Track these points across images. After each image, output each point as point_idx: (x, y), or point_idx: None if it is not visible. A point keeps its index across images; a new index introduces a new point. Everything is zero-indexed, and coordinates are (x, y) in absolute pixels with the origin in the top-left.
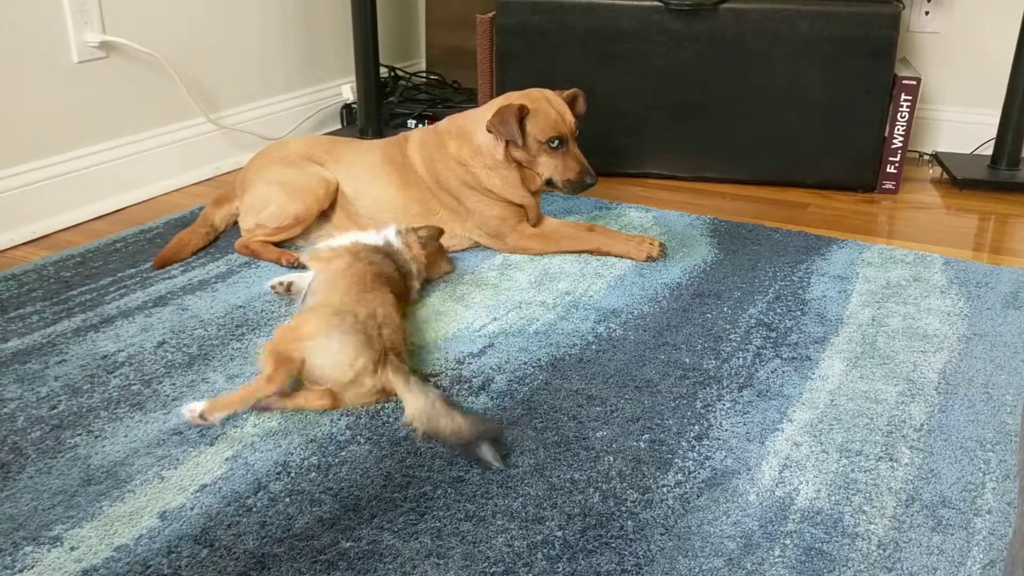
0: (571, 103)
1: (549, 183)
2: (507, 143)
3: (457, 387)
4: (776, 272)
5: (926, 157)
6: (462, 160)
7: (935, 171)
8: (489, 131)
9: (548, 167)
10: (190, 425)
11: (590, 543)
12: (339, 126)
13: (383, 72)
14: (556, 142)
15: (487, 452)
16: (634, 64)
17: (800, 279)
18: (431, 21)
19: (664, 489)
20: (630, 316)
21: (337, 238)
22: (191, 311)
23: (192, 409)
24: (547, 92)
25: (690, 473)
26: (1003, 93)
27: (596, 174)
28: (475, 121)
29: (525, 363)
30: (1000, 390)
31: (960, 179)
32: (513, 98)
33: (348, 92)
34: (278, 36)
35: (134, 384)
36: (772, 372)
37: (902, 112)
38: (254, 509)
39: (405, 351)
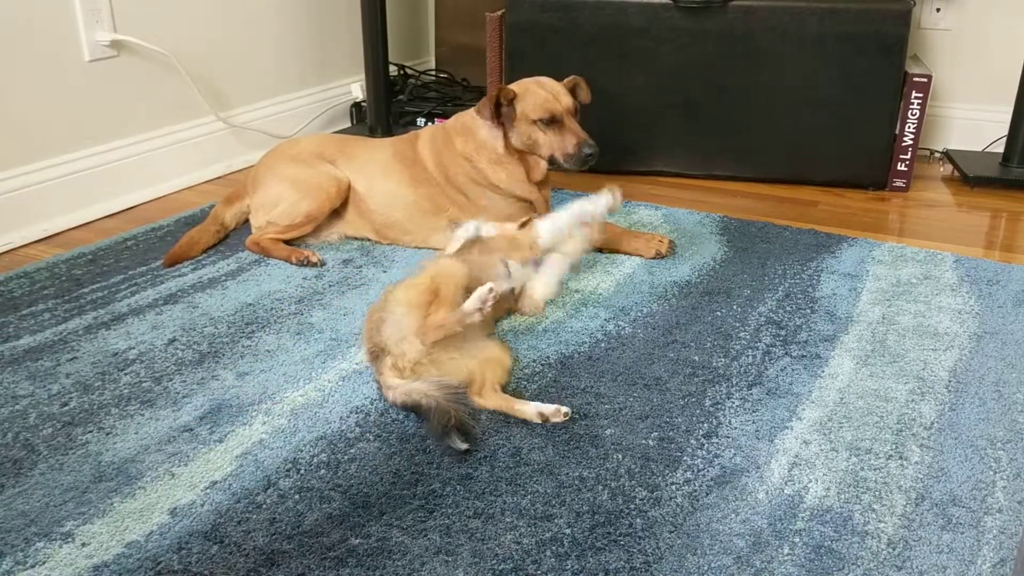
0: (572, 91)
1: (552, 162)
2: (505, 134)
3: None
4: (786, 270)
5: (937, 155)
6: (468, 156)
7: (946, 169)
8: (477, 116)
9: (547, 146)
10: None
11: (599, 540)
12: (349, 124)
13: (392, 70)
14: (549, 120)
15: (453, 442)
16: (644, 62)
17: (810, 277)
18: (440, 19)
19: (673, 487)
20: (639, 314)
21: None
22: (201, 309)
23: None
24: (542, 78)
25: (699, 471)
26: (1015, 90)
27: (606, 171)
28: (476, 117)
29: (534, 361)
30: (1011, 388)
31: (971, 177)
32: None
33: (358, 90)
34: (288, 35)
35: (145, 381)
36: (781, 370)
37: (913, 110)
38: (264, 506)
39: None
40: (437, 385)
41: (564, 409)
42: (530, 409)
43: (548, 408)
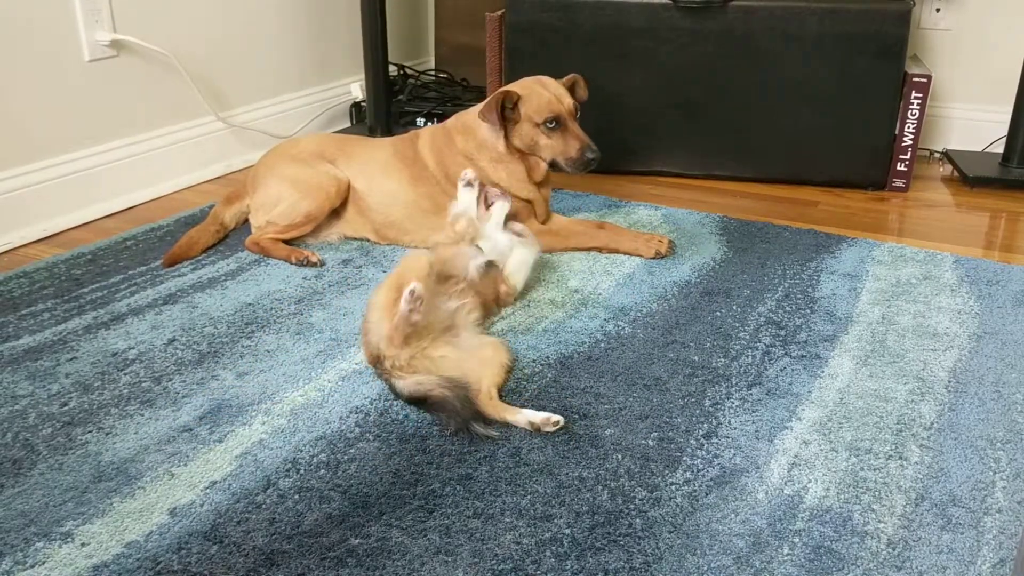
0: (571, 89)
1: (554, 166)
2: (507, 134)
3: None
4: (785, 270)
5: (936, 155)
6: (469, 155)
7: (945, 169)
8: (481, 120)
9: (549, 149)
10: None
11: (598, 541)
12: (348, 124)
13: (392, 70)
14: (553, 123)
15: (484, 428)
16: (644, 62)
17: (810, 277)
18: (440, 19)
19: (673, 487)
20: (639, 314)
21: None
22: (201, 309)
23: None
24: (543, 78)
25: (699, 471)
26: (1014, 90)
27: (606, 171)
28: (477, 116)
29: (534, 361)
30: (1010, 388)
31: (971, 177)
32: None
33: (357, 90)
34: (288, 35)
35: (144, 381)
36: (781, 370)
37: (912, 110)
38: (263, 506)
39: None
40: (445, 379)
41: (555, 418)
42: (520, 418)
43: (538, 417)
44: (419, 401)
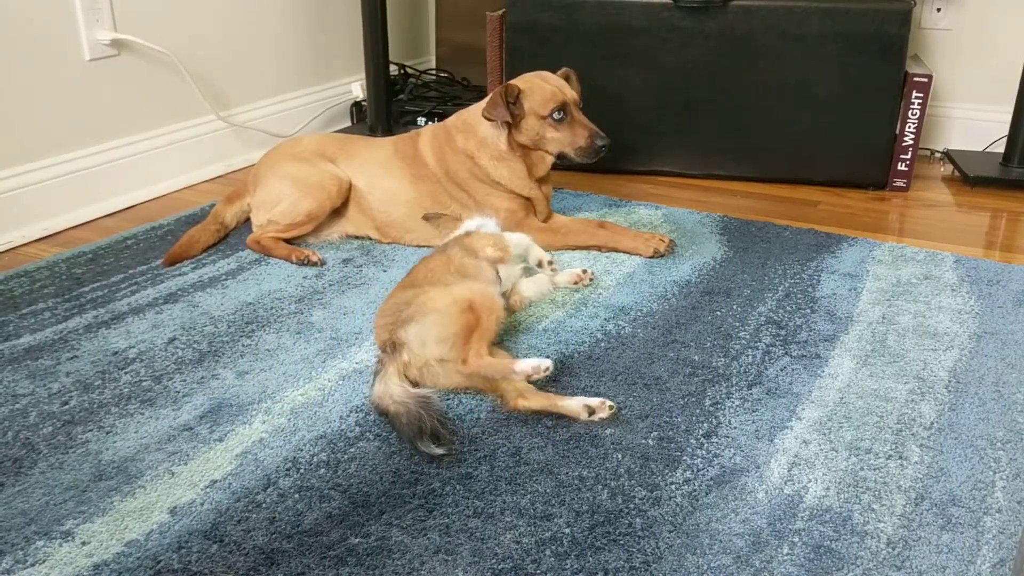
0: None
1: (561, 158)
2: (509, 131)
3: None
4: (786, 270)
5: (937, 155)
6: (469, 153)
7: (946, 169)
8: (486, 118)
9: (556, 142)
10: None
11: (598, 540)
12: (349, 124)
13: (393, 70)
14: (559, 113)
15: (426, 447)
16: (644, 61)
17: (810, 277)
18: (441, 19)
19: (672, 486)
20: (639, 314)
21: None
22: (201, 308)
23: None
24: (542, 72)
25: (699, 471)
26: (1015, 90)
27: (606, 170)
28: (477, 113)
29: None
30: (1011, 388)
31: (971, 177)
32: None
33: (358, 90)
34: (288, 34)
35: (145, 380)
36: (781, 370)
37: (913, 109)
38: (263, 505)
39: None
40: (409, 393)
41: (609, 403)
42: (575, 404)
43: (594, 401)
44: (380, 412)
